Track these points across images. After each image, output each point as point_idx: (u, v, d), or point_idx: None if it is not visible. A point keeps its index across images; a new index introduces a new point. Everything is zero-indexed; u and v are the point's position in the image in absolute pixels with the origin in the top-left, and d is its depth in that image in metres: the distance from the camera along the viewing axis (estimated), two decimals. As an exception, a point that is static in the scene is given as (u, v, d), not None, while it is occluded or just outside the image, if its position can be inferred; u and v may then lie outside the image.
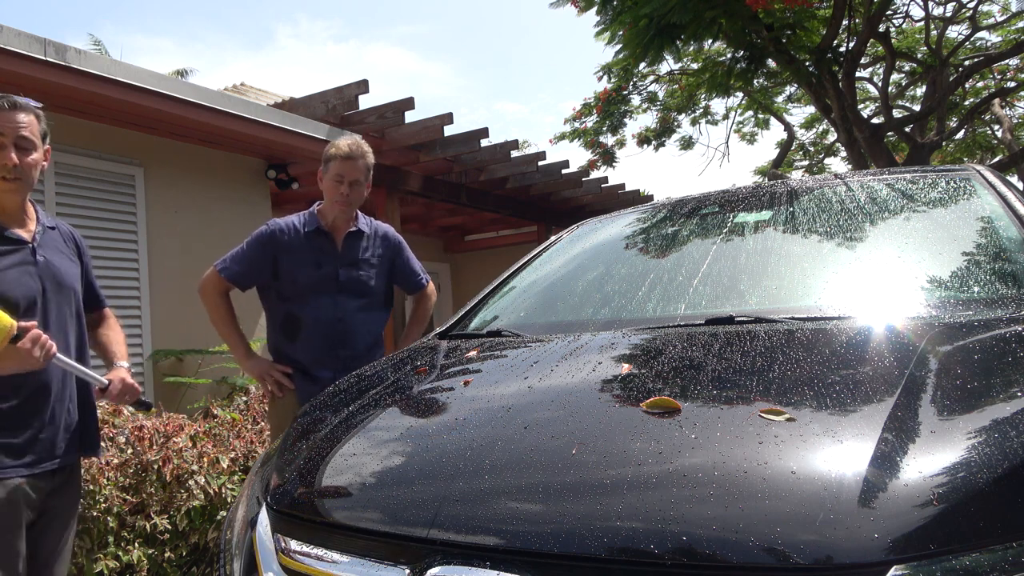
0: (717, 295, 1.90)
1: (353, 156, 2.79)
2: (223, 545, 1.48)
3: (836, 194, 2.26)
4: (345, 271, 2.75)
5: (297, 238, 2.76)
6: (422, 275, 3.01)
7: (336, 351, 2.70)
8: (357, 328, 2.74)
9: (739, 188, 2.66)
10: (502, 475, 1.11)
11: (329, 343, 2.70)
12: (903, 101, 13.42)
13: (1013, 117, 12.63)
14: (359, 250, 2.82)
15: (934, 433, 1.03)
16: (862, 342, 1.44)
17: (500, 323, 2.19)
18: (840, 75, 7.61)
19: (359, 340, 2.74)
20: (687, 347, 1.52)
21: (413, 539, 1.06)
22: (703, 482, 0.98)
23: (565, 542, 0.95)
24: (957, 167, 2.31)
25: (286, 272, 2.73)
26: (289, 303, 2.74)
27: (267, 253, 2.74)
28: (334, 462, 1.38)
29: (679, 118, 12.81)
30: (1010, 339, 1.35)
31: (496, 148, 7.84)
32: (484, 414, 1.34)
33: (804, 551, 0.86)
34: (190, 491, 2.99)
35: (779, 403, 1.14)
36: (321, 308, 2.70)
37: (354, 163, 2.78)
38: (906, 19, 11.12)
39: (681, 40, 6.63)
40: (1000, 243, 1.81)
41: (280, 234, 2.76)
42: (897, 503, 0.90)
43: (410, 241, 3.38)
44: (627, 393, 1.32)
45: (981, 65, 10.11)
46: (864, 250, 1.95)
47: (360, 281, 2.78)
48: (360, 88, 6.33)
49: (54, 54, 4.09)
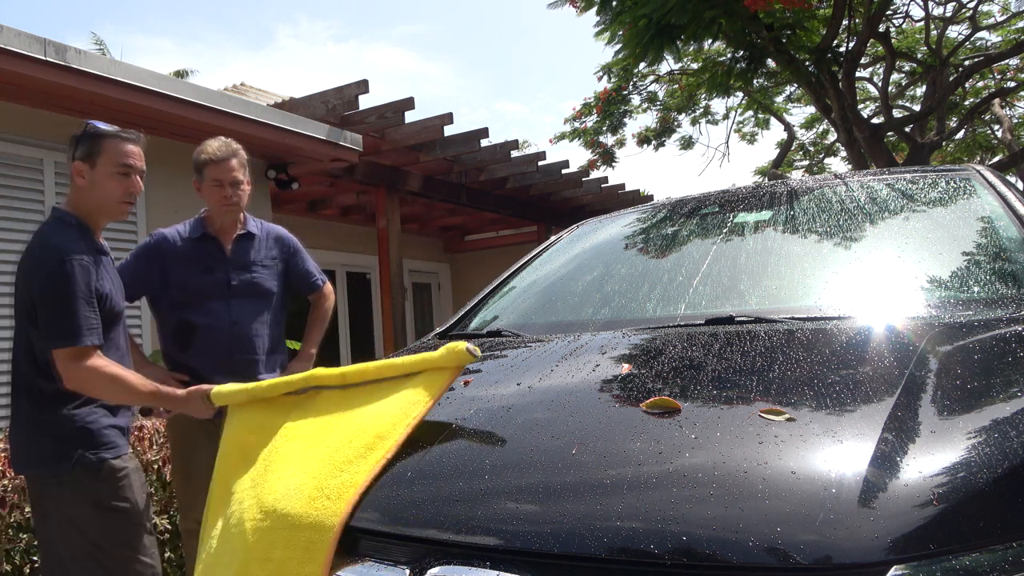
0: (717, 295, 1.90)
1: (226, 157, 2.70)
2: (223, 545, 1.48)
3: (836, 194, 2.26)
4: (237, 275, 2.71)
5: (185, 245, 2.71)
6: (318, 276, 2.97)
7: (232, 356, 2.65)
8: (253, 332, 2.70)
9: (739, 188, 2.66)
10: (502, 475, 1.11)
11: (224, 349, 2.65)
12: (903, 101, 13.43)
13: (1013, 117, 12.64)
14: (250, 252, 2.77)
15: (934, 433, 1.03)
16: (862, 342, 1.44)
17: (500, 323, 2.19)
18: (840, 75, 7.61)
19: (256, 344, 2.70)
20: (687, 347, 1.52)
21: (413, 539, 1.06)
22: (703, 482, 0.98)
23: (565, 542, 0.95)
24: (957, 167, 2.31)
25: (176, 280, 2.68)
26: (181, 310, 2.68)
27: (154, 263, 2.69)
28: (334, 462, 1.38)
29: (679, 118, 12.82)
30: (1010, 339, 1.35)
31: (496, 148, 7.84)
32: (484, 414, 1.34)
33: (804, 551, 0.86)
34: (190, 491, 2.99)
35: (779, 403, 1.14)
36: (214, 313, 2.65)
37: (228, 164, 2.70)
38: (906, 19, 11.13)
39: (681, 40, 6.63)
40: (1000, 243, 1.81)
41: (166, 242, 2.71)
42: (897, 503, 0.90)
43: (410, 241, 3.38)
44: (627, 393, 1.32)
45: (981, 65, 10.11)
46: (864, 250, 1.96)
47: (254, 284, 2.74)
48: (360, 88, 6.33)
49: (54, 54, 4.09)
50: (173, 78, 5.27)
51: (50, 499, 2.09)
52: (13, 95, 4.37)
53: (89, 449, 2.07)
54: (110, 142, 2.19)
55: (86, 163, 2.17)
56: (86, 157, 2.17)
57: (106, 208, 2.22)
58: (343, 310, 9.41)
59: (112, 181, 2.18)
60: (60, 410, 2.08)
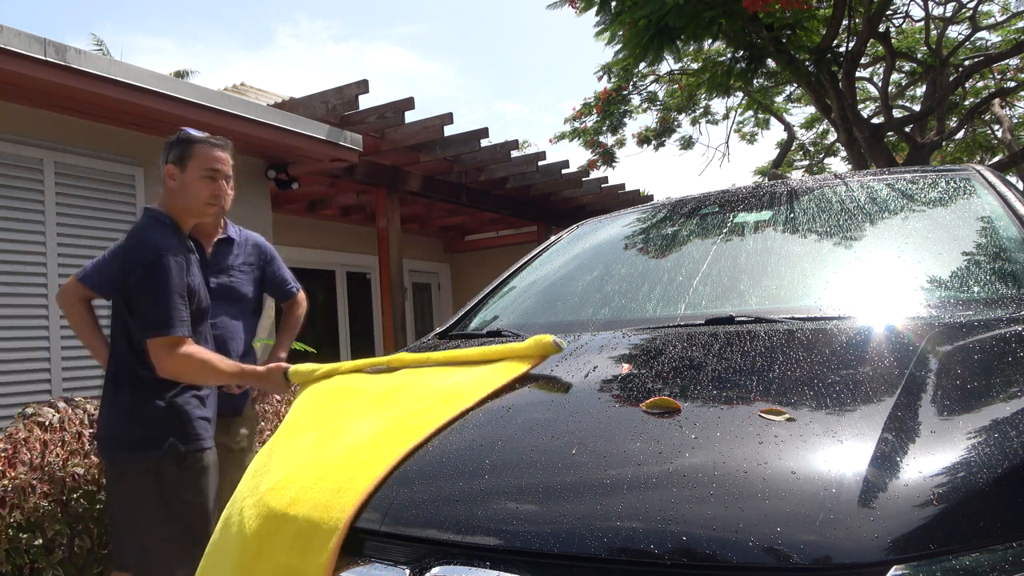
0: (717, 295, 1.90)
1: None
2: (223, 545, 1.48)
3: (836, 194, 2.26)
4: (216, 278, 2.66)
5: None
6: (292, 283, 2.95)
7: None
8: (230, 335, 2.69)
9: (739, 188, 2.66)
10: (502, 475, 1.11)
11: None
12: (903, 101, 13.42)
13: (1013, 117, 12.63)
14: (230, 256, 2.74)
15: (934, 433, 1.03)
16: (862, 342, 1.44)
17: (500, 323, 2.19)
18: (840, 75, 7.61)
19: (232, 347, 2.68)
20: (687, 347, 1.52)
21: (413, 539, 1.06)
22: (703, 482, 0.98)
23: (565, 542, 0.95)
24: (957, 167, 2.31)
25: None
26: None
27: None
28: (334, 462, 1.38)
29: (679, 118, 12.82)
30: (1010, 339, 1.35)
31: (496, 148, 7.84)
32: (484, 414, 1.34)
33: (804, 551, 0.86)
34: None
35: (779, 403, 1.14)
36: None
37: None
38: (906, 19, 11.13)
39: (681, 40, 6.63)
40: (1000, 243, 1.81)
41: None
42: (897, 503, 0.90)
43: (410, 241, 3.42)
44: (627, 393, 1.32)
45: (981, 65, 10.11)
46: (864, 250, 1.96)
47: (232, 288, 2.72)
48: (360, 88, 6.34)
49: (54, 54, 4.09)
50: (173, 78, 5.27)
51: (129, 484, 2.22)
52: (13, 95, 4.37)
53: (180, 439, 2.23)
54: (200, 147, 2.36)
55: (177, 166, 2.34)
56: (177, 161, 2.35)
57: (193, 209, 2.37)
58: (343, 310, 9.42)
59: (200, 184, 2.34)
60: (157, 398, 2.23)
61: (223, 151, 2.40)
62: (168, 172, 2.35)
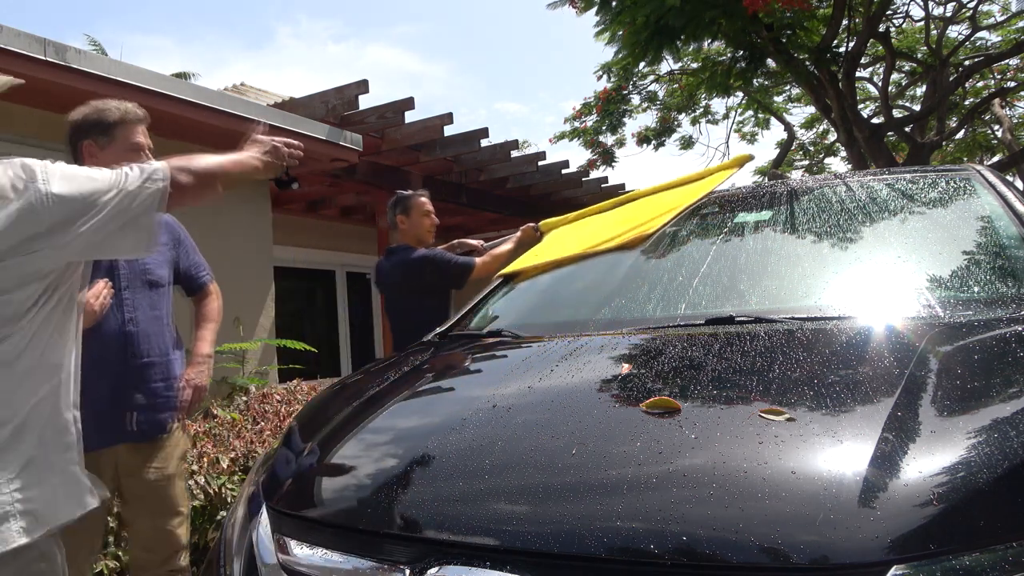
0: (717, 295, 1.90)
1: (144, 118, 2.17)
2: (223, 545, 1.48)
3: (836, 194, 2.26)
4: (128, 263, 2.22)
5: None
6: (206, 271, 2.55)
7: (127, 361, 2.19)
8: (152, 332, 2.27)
9: (739, 188, 2.66)
10: (502, 475, 1.11)
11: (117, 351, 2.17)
12: (903, 101, 13.41)
13: (1013, 117, 12.62)
14: None
15: (934, 433, 1.03)
16: (862, 342, 1.44)
17: (500, 323, 2.19)
18: (840, 75, 7.61)
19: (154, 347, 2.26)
20: (687, 347, 1.52)
21: (413, 539, 1.06)
22: (703, 482, 0.98)
23: (565, 542, 0.95)
24: (957, 167, 2.31)
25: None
26: None
27: None
28: (334, 462, 1.38)
29: (679, 118, 12.80)
30: (1010, 339, 1.35)
31: (496, 148, 7.84)
32: (484, 414, 1.34)
33: (804, 551, 0.86)
34: (190, 491, 2.99)
35: (779, 403, 1.14)
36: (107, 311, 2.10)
37: (144, 127, 2.17)
38: (906, 19, 11.12)
39: (681, 40, 6.63)
40: (1000, 243, 1.81)
41: None
42: (897, 503, 0.90)
43: (410, 241, 3.44)
44: (627, 393, 1.32)
45: (981, 65, 10.11)
46: (864, 250, 1.95)
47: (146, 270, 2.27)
48: (360, 88, 6.33)
49: (54, 54, 4.09)
50: (173, 78, 5.27)
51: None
52: (13, 95, 4.36)
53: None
54: (416, 200, 3.54)
55: (407, 216, 3.52)
56: (404, 212, 3.53)
57: (423, 238, 3.51)
58: (343, 310, 9.42)
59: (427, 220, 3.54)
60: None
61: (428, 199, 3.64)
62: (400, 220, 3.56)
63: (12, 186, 1.31)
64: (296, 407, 4.02)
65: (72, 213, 1.35)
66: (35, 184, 1.33)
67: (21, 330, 1.34)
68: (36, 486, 1.33)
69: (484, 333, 2.10)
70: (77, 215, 1.35)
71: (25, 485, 1.31)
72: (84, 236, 1.36)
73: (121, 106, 2.10)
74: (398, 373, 1.81)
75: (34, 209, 1.31)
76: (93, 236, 1.37)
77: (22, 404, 1.34)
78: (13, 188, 1.31)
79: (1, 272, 1.28)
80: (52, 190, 1.34)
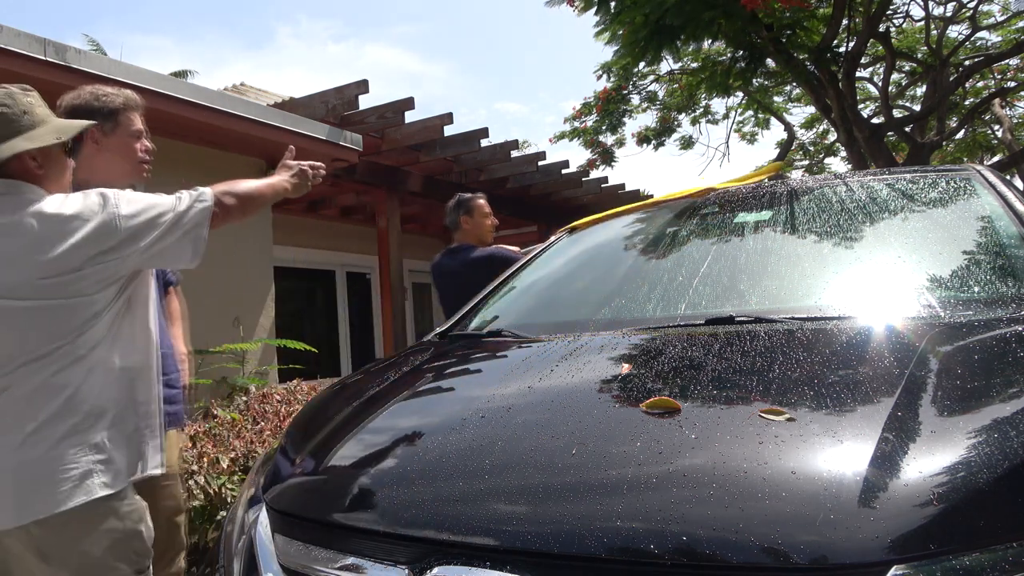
0: (717, 295, 1.90)
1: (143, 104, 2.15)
2: (223, 545, 1.48)
3: (836, 194, 2.26)
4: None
5: None
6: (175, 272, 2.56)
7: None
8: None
9: (739, 188, 2.66)
10: (502, 475, 1.11)
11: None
12: (903, 101, 13.41)
13: (1013, 117, 12.62)
14: None
15: (934, 433, 1.03)
16: (862, 342, 1.44)
17: (500, 323, 2.19)
18: (840, 75, 7.61)
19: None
20: (687, 347, 1.52)
21: (413, 539, 1.06)
22: (703, 482, 0.98)
23: (565, 542, 0.95)
24: (957, 167, 2.31)
25: None
26: None
27: None
28: (334, 462, 1.38)
29: (679, 117, 12.79)
30: (1010, 339, 1.35)
31: (496, 148, 7.85)
32: (484, 414, 1.34)
33: (804, 551, 0.86)
34: (190, 491, 2.99)
35: (779, 403, 1.14)
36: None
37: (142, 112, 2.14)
38: (906, 19, 11.11)
39: (680, 40, 6.63)
40: (1000, 243, 1.81)
41: None
42: (897, 503, 0.90)
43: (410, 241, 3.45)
44: (627, 393, 1.32)
45: (981, 65, 10.10)
46: (864, 250, 1.95)
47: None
48: (360, 88, 6.34)
49: (54, 54, 4.09)
50: (173, 78, 5.27)
51: None
52: (13, 95, 4.36)
53: None
54: (477, 202, 3.75)
55: (471, 216, 3.72)
56: (467, 213, 3.72)
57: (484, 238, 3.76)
58: (343, 310, 9.42)
59: (488, 220, 3.75)
60: None
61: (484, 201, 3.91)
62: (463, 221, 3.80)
63: (91, 209, 1.62)
64: (296, 407, 4.02)
65: (137, 230, 1.64)
66: (108, 207, 1.64)
67: (99, 324, 1.62)
68: (115, 450, 1.62)
69: (484, 333, 2.10)
70: (141, 232, 1.65)
71: (105, 450, 1.60)
72: (146, 249, 1.66)
73: (121, 92, 2.14)
74: (398, 373, 1.81)
75: (108, 227, 1.61)
76: (153, 248, 1.67)
77: (100, 387, 1.62)
78: (91, 211, 1.61)
79: (84, 279, 1.58)
80: (121, 211, 1.64)
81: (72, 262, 1.56)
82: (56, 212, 1.58)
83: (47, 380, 1.55)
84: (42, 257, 1.54)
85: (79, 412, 1.57)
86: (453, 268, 3.68)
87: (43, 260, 1.54)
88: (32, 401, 1.54)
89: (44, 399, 1.54)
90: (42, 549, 1.54)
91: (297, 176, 2.06)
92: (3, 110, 1.64)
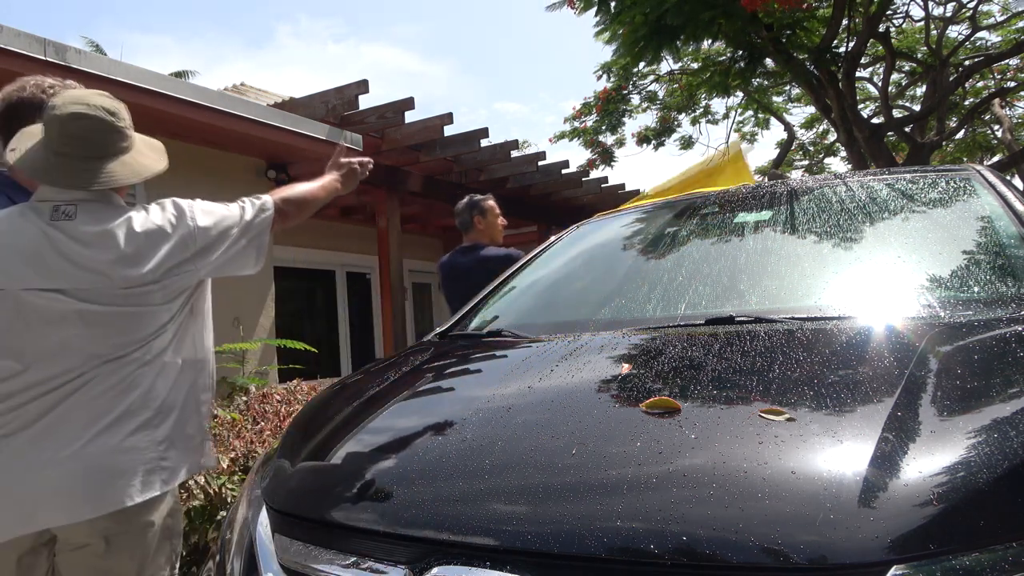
0: (717, 295, 1.90)
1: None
2: (223, 545, 1.48)
3: (836, 194, 2.26)
4: None
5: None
6: None
7: None
8: None
9: (739, 188, 2.66)
10: (502, 475, 1.11)
11: None
12: (903, 101, 13.42)
13: (1013, 117, 12.63)
14: None
15: (934, 433, 1.03)
16: (862, 342, 1.44)
17: (500, 323, 2.19)
18: (840, 75, 7.61)
19: None
20: (687, 347, 1.52)
21: (413, 539, 1.06)
22: (703, 482, 0.98)
23: (565, 542, 0.95)
24: (957, 167, 2.31)
25: None
26: None
27: None
28: (334, 462, 1.38)
29: (679, 117, 12.80)
30: (1010, 339, 1.35)
31: (496, 148, 7.85)
32: (484, 414, 1.34)
33: (804, 551, 0.86)
34: (190, 491, 2.99)
35: (779, 403, 1.14)
36: None
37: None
38: (906, 19, 11.12)
39: (680, 40, 6.63)
40: (1000, 243, 1.81)
41: None
42: (897, 503, 0.90)
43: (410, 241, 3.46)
44: (627, 393, 1.32)
45: (981, 65, 10.10)
46: (864, 250, 1.95)
47: None
48: (360, 88, 6.34)
49: (54, 54, 4.09)
50: (173, 78, 5.27)
51: None
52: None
53: None
54: (489, 203, 3.82)
55: (484, 217, 3.78)
56: (481, 213, 3.79)
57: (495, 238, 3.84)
58: (343, 310, 9.41)
59: (499, 221, 3.85)
60: None
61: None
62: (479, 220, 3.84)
63: (169, 223, 1.67)
64: (296, 407, 4.02)
65: (211, 242, 1.70)
66: (185, 220, 1.68)
67: (168, 331, 1.68)
68: (174, 449, 1.67)
69: (484, 333, 2.10)
70: (214, 243, 1.71)
71: (167, 448, 1.65)
72: (217, 259, 1.72)
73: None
74: (398, 373, 1.81)
75: (186, 240, 1.67)
76: (222, 258, 1.73)
77: (168, 388, 1.68)
78: (170, 224, 1.66)
79: (162, 289, 1.64)
80: (199, 224, 1.69)
81: (154, 275, 1.61)
82: (142, 228, 1.62)
83: (124, 378, 1.60)
84: (129, 272, 1.59)
85: (151, 408, 1.63)
86: (468, 265, 3.72)
87: (128, 275, 1.59)
88: (110, 396, 1.59)
89: (121, 395, 1.60)
90: (107, 536, 1.58)
91: (347, 174, 2.16)
92: (120, 124, 1.68)
